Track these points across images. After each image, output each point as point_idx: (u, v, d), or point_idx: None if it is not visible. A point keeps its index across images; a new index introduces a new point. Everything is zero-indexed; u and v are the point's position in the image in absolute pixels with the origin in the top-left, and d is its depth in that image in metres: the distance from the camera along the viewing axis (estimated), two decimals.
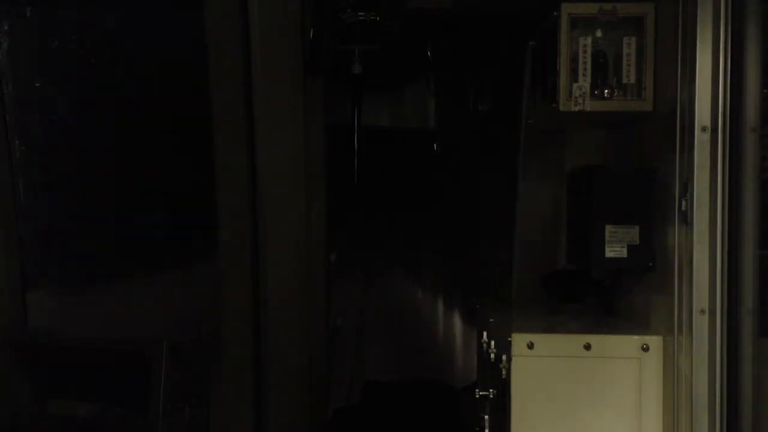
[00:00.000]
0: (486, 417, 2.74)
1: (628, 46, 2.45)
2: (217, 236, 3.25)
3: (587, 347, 2.36)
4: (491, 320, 2.79)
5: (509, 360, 2.38)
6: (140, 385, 3.02)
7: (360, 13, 3.16)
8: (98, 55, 3.60)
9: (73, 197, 3.72)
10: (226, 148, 3.21)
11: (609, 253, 2.45)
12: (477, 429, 2.82)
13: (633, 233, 2.43)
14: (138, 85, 3.60)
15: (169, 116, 3.58)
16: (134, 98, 3.63)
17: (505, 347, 2.43)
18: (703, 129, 2.16)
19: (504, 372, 2.43)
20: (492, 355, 2.62)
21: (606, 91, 2.45)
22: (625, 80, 2.46)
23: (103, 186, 3.67)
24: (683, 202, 2.20)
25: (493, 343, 2.65)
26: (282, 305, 3.25)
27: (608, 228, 2.44)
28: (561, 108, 2.47)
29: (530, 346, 2.36)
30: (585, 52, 2.45)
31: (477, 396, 2.76)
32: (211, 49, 3.12)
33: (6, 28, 3.51)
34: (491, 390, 2.66)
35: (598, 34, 2.46)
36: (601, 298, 2.82)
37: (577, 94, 2.44)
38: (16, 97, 3.55)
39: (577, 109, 2.45)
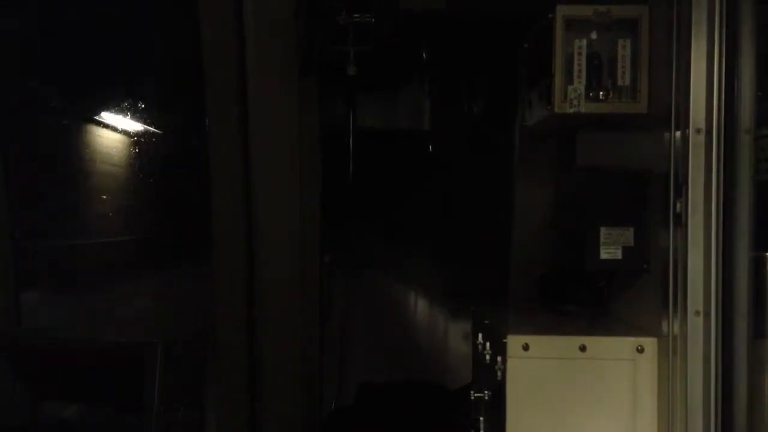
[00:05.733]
0: (481, 418, 2.74)
1: (623, 48, 2.46)
2: (211, 237, 3.25)
3: (582, 349, 2.36)
4: (486, 321, 2.79)
5: (504, 361, 2.38)
6: (134, 385, 3.01)
7: (355, 15, 3.16)
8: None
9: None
10: (221, 149, 3.21)
11: (604, 254, 2.45)
12: (472, 430, 2.82)
13: (628, 235, 2.44)
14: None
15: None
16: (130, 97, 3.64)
17: (500, 349, 2.43)
18: (698, 131, 2.16)
19: (499, 373, 2.43)
20: (487, 357, 2.62)
21: (601, 93, 2.45)
22: (619, 82, 2.46)
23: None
24: (678, 204, 2.20)
25: (488, 344, 2.65)
26: (276, 306, 3.25)
27: (603, 230, 2.45)
28: (556, 110, 2.47)
29: (525, 347, 2.37)
30: (580, 54, 2.46)
31: (472, 397, 2.76)
32: (206, 50, 3.12)
33: None
34: (486, 391, 2.66)
35: (593, 36, 2.47)
36: (596, 300, 2.82)
37: (572, 96, 2.44)
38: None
39: (572, 110, 2.46)
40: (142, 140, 3.86)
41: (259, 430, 3.31)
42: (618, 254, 2.44)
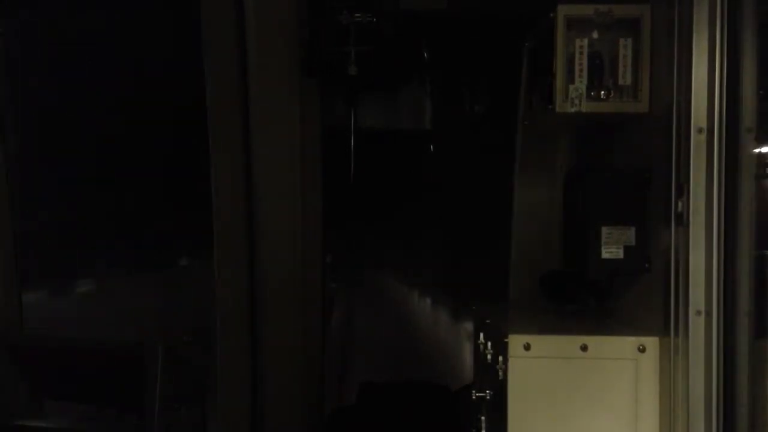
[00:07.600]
0: (483, 418, 2.74)
1: (624, 48, 2.45)
2: (213, 237, 3.26)
3: (584, 348, 2.36)
4: (487, 321, 2.79)
5: (506, 361, 2.38)
6: (136, 385, 3.01)
7: (356, 15, 3.16)
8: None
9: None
10: (223, 149, 3.21)
11: (605, 254, 2.45)
12: (474, 430, 2.82)
13: (629, 234, 2.43)
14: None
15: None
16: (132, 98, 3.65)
17: (501, 348, 2.43)
18: (699, 130, 2.16)
19: (501, 373, 2.43)
20: (488, 356, 2.62)
21: (602, 92, 2.45)
22: (621, 81, 2.46)
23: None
24: (679, 204, 2.20)
25: (489, 344, 2.65)
26: (278, 306, 3.26)
27: (604, 229, 2.44)
28: (557, 109, 2.47)
29: (527, 347, 2.36)
30: (581, 53, 2.45)
31: (474, 397, 2.76)
32: (208, 51, 3.12)
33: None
34: (488, 391, 2.65)
35: (594, 35, 2.46)
36: (598, 300, 2.82)
37: (573, 95, 2.44)
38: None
39: (573, 110, 2.45)
40: None
41: (260, 429, 3.31)
42: (619, 254, 2.44)
